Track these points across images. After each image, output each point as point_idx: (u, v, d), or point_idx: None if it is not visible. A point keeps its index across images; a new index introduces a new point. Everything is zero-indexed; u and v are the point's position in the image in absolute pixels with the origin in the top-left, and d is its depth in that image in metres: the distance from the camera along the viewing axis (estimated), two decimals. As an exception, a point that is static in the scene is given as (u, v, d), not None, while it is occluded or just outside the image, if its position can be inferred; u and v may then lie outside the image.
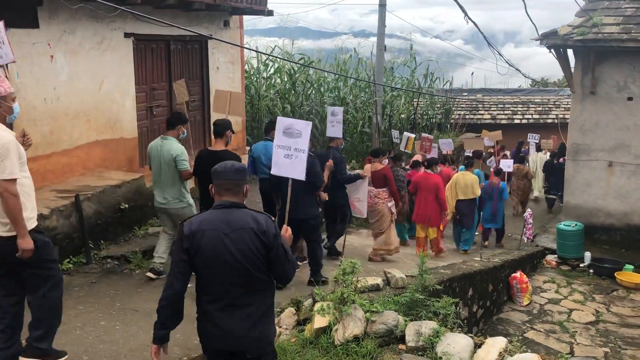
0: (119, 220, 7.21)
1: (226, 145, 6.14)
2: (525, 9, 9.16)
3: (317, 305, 4.99)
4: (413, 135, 13.40)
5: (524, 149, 16.18)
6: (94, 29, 7.74)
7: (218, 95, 7.54)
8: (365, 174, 7.97)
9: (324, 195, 6.91)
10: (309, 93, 16.35)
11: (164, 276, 6.06)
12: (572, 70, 11.84)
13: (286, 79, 16.14)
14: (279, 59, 15.77)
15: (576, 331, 8.06)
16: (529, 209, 11.66)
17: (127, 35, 8.33)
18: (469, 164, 10.91)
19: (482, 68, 27.63)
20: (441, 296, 5.38)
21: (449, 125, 20.14)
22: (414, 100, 18.76)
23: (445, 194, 9.77)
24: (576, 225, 10.91)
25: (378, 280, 5.77)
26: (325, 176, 6.83)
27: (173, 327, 3.29)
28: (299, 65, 15.65)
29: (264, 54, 15.02)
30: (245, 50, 11.88)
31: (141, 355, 4.34)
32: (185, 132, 6.38)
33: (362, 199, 7.90)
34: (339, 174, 7.35)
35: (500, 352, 4.44)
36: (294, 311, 5.27)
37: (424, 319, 4.98)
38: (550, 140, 16.88)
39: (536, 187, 15.30)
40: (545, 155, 15.36)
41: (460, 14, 9.11)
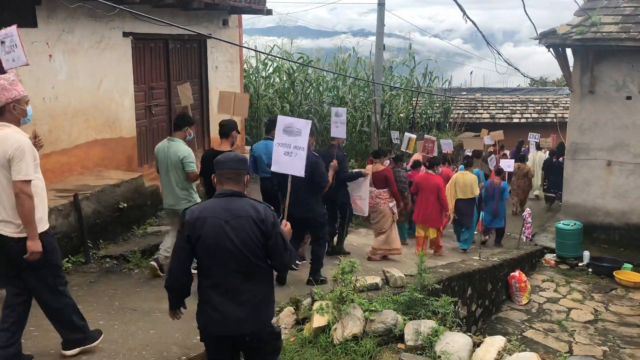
0: (118, 219, 7.20)
1: (232, 146, 6.16)
2: (524, 8, 9.19)
3: (316, 305, 4.99)
4: (414, 136, 13.39)
5: (524, 149, 16.20)
6: (93, 28, 7.73)
7: (222, 96, 7.58)
8: (367, 172, 7.97)
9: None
10: (308, 92, 16.33)
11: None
12: (571, 69, 11.85)
13: (285, 78, 16.12)
14: (277, 58, 15.76)
15: (575, 330, 8.07)
16: (527, 208, 11.67)
17: (126, 34, 8.32)
18: (468, 164, 10.91)
19: (481, 67, 27.67)
20: (440, 295, 5.38)
21: (447, 125, 20.14)
22: (413, 99, 18.74)
23: (445, 194, 9.77)
24: (575, 224, 10.92)
25: (377, 280, 5.78)
26: (330, 176, 6.85)
27: (183, 299, 3.52)
28: (298, 65, 15.64)
29: (262, 53, 15.00)
30: (244, 49, 11.86)
31: (140, 355, 4.34)
32: (192, 134, 6.39)
33: (364, 196, 7.92)
34: (340, 172, 7.38)
35: (499, 351, 4.44)
36: (293, 310, 5.27)
37: (423, 318, 4.98)
38: (550, 139, 16.90)
39: (535, 186, 15.31)
40: (545, 154, 15.38)
41: (459, 13, 9.14)
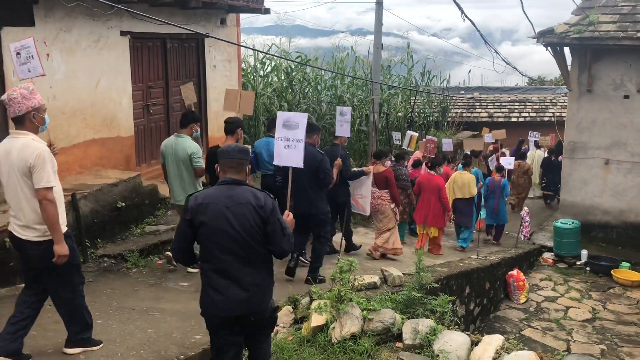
0: (116, 218, 7.19)
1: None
2: (522, 7, 9.18)
3: (315, 304, 4.99)
4: (416, 134, 13.39)
5: (525, 147, 16.24)
6: (91, 27, 7.72)
7: (228, 93, 7.69)
8: (369, 170, 7.99)
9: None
10: (306, 91, 16.30)
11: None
12: (569, 68, 11.86)
13: (283, 77, 16.09)
14: (276, 57, 15.74)
15: (573, 329, 8.09)
16: (525, 207, 11.69)
17: (124, 33, 8.31)
18: (466, 164, 10.94)
19: (479, 66, 27.63)
20: (438, 294, 5.39)
21: (445, 124, 20.13)
22: (411, 98, 18.73)
23: (446, 194, 9.81)
24: (573, 223, 10.94)
25: (375, 279, 5.78)
26: (335, 174, 6.90)
27: (193, 261, 3.83)
28: (296, 64, 15.62)
29: (261, 52, 14.97)
30: (242, 48, 11.84)
31: (138, 354, 4.34)
32: (199, 131, 6.51)
33: (366, 195, 7.93)
34: (344, 171, 7.43)
35: (497, 350, 4.45)
36: (291, 309, 5.27)
37: (421, 317, 4.99)
38: (549, 138, 16.93)
39: (534, 184, 15.34)
40: (544, 153, 15.41)
41: (457, 12, 9.13)
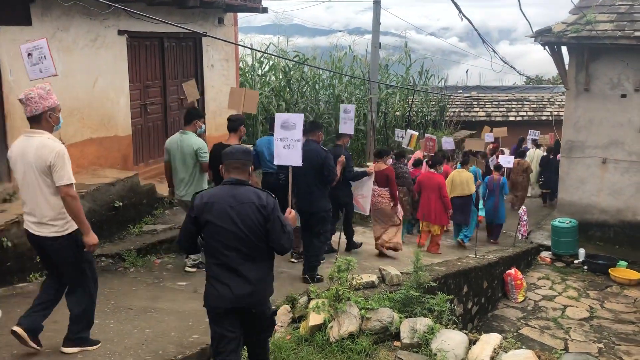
0: (113, 218, 7.18)
1: (239, 140, 6.42)
2: (520, 6, 9.17)
3: (312, 303, 5.00)
4: (416, 133, 13.40)
5: (525, 146, 16.29)
6: (88, 26, 7.70)
7: (233, 92, 7.85)
8: (372, 171, 8.03)
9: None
10: (304, 90, 16.28)
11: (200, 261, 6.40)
12: (567, 67, 11.88)
13: (281, 77, 16.07)
14: (273, 57, 15.72)
15: (570, 327, 8.10)
16: (523, 206, 11.71)
17: (121, 32, 8.30)
18: (464, 162, 10.97)
19: (477, 65, 27.60)
20: (436, 293, 5.40)
21: (443, 123, 20.14)
22: (409, 97, 18.73)
23: (447, 192, 9.86)
24: (570, 222, 10.95)
25: (373, 278, 5.79)
26: (338, 171, 6.96)
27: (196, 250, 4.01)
28: (294, 63, 15.60)
29: (258, 51, 14.95)
30: (239, 47, 11.83)
31: (136, 353, 4.33)
32: (203, 127, 6.66)
33: (367, 195, 7.99)
34: (346, 171, 7.48)
35: (494, 349, 4.46)
36: (289, 309, 5.27)
37: (419, 316, 5.00)
38: (548, 136, 16.96)
39: (533, 182, 15.37)
40: (543, 152, 15.43)
41: (455, 12, 9.14)
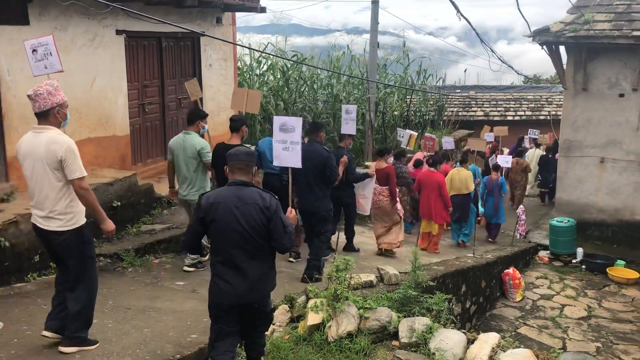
0: (112, 218, 6.99)
1: (242, 140, 6.51)
2: (518, 6, 9.19)
3: (311, 302, 4.99)
4: (415, 133, 13.42)
5: (523, 145, 16.33)
6: (86, 26, 7.69)
7: (236, 92, 8.00)
8: (374, 173, 8.08)
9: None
10: (302, 90, 16.28)
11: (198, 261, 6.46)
12: (565, 66, 11.89)
13: (279, 76, 16.07)
14: (272, 56, 15.72)
15: (568, 326, 8.12)
16: (522, 206, 11.73)
17: (119, 32, 8.28)
18: (463, 161, 11.00)
19: (475, 65, 27.60)
20: (434, 292, 5.40)
21: (442, 122, 20.14)
22: (407, 97, 18.72)
23: (446, 190, 9.89)
24: (568, 221, 10.97)
25: (371, 277, 5.79)
26: (340, 171, 7.03)
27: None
28: (292, 62, 15.59)
29: (257, 50, 14.96)
30: (238, 47, 11.82)
31: (134, 353, 4.33)
32: (206, 127, 6.71)
33: (368, 195, 8.08)
34: (348, 173, 7.54)
35: (493, 348, 4.46)
36: (288, 308, 5.27)
37: (417, 315, 4.99)
38: (547, 136, 16.99)
39: (531, 182, 15.41)
40: (543, 151, 15.46)
41: (453, 11, 9.15)
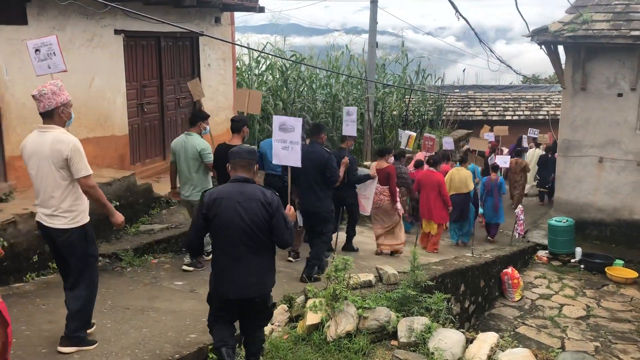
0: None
1: (243, 140, 6.54)
2: (517, 5, 9.18)
3: (310, 302, 4.99)
4: (414, 134, 13.44)
5: (524, 145, 16.36)
6: (84, 25, 7.68)
7: (238, 94, 8.19)
8: (375, 175, 8.12)
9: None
10: (301, 90, 16.26)
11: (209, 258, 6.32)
12: (563, 66, 11.90)
13: (278, 76, 16.05)
14: (270, 56, 15.71)
15: (567, 326, 8.12)
16: (520, 205, 11.73)
17: (118, 32, 8.28)
18: (463, 160, 11.03)
19: (474, 65, 27.65)
20: (433, 292, 5.40)
21: (440, 122, 20.15)
22: (406, 97, 18.73)
23: (446, 190, 9.91)
24: (567, 220, 10.98)
25: (370, 277, 5.78)
26: (341, 172, 7.10)
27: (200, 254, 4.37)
28: (291, 62, 15.59)
29: (255, 50, 14.95)
30: (236, 47, 11.81)
31: (133, 353, 4.32)
32: (208, 128, 6.78)
33: (369, 196, 8.12)
34: (350, 174, 7.59)
35: (491, 347, 4.47)
36: (286, 308, 5.27)
37: (416, 315, 5.00)
38: (547, 135, 17.02)
39: (529, 181, 15.43)
40: (542, 151, 15.49)
41: (452, 11, 9.14)
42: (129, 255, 6.59)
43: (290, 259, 7.17)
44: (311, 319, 4.83)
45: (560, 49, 11.75)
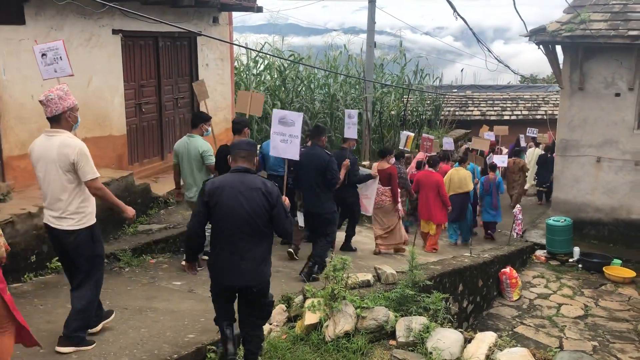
0: (108, 218, 7.13)
1: None
2: (514, 5, 9.21)
3: (308, 302, 4.99)
4: (412, 134, 13.47)
5: (524, 144, 16.38)
6: (82, 25, 7.67)
7: (240, 95, 8.27)
8: (376, 175, 8.15)
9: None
10: (299, 90, 16.26)
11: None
12: (561, 66, 11.91)
13: (276, 76, 16.05)
14: (268, 56, 15.70)
15: (565, 325, 8.13)
16: (518, 205, 11.75)
17: (116, 31, 8.27)
18: (462, 160, 11.05)
19: (472, 64, 27.71)
20: (431, 292, 5.40)
21: (438, 122, 20.16)
22: (404, 97, 18.74)
23: (445, 190, 9.92)
24: (565, 220, 10.99)
25: (369, 277, 5.78)
26: (342, 174, 7.17)
27: (197, 254, 4.40)
28: (289, 62, 15.58)
29: (253, 50, 14.95)
30: (234, 47, 11.80)
31: (131, 353, 4.32)
32: (210, 130, 6.84)
33: (371, 196, 8.20)
34: (351, 175, 7.65)
35: (490, 347, 4.47)
36: (285, 308, 5.27)
37: (415, 315, 4.99)
38: (547, 135, 17.04)
39: (529, 180, 15.45)
40: (541, 150, 15.51)
41: (450, 11, 9.16)
42: (127, 255, 6.59)
43: (291, 250, 7.36)
44: (309, 318, 4.83)
45: (558, 48, 11.76)
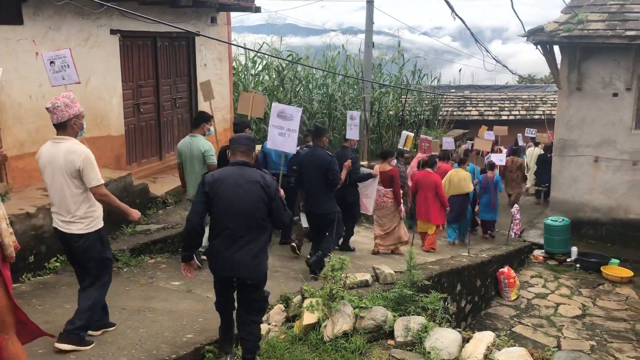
0: (107, 218, 7.04)
1: None
2: (512, 5, 9.19)
3: (306, 302, 4.99)
4: (411, 134, 13.49)
5: (523, 144, 16.41)
6: (80, 25, 7.67)
7: (242, 97, 8.35)
8: (377, 173, 8.18)
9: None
10: (298, 90, 16.27)
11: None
12: (559, 66, 11.94)
13: (274, 76, 16.06)
14: (267, 56, 15.71)
15: (563, 325, 8.14)
16: (516, 205, 11.76)
17: (114, 32, 8.26)
18: (462, 161, 11.07)
19: (470, 65, 27.70)
20: (430, 291, 5.40)
21: (437, 122, 20.18)
22: (402, 97, 18.76)
23: (443, 190, 9.94)
24: (563, 220, 11.01)
25: (367, 276, 5.79)
26: (343, 175, 7.20)
27: (193, 251, 4.38)
28: (287, 62, 15.59)
29: (252, 50, 14.97)
30: (233, 47, 11.81)
31: (129, 353, 4.32)
32: (211, 130, 6.90)
33: (371, 196, 8.23)
34: (352, 173, 7.70)
35: (488, 347, 4.47)
36: (283, 308, 5.27)
37: (413, 315, 5.00)
38: (546, 135, 17.08)
39: (529, 180, 15.48)
40: (541, 150, 15.54)
41: (448, 11, 9.15)
42: (125, 255, 6.58)
43: (294, 244, 7.44)
44: (308, 318, 4.84)
45: (556, 49, 11.79)
